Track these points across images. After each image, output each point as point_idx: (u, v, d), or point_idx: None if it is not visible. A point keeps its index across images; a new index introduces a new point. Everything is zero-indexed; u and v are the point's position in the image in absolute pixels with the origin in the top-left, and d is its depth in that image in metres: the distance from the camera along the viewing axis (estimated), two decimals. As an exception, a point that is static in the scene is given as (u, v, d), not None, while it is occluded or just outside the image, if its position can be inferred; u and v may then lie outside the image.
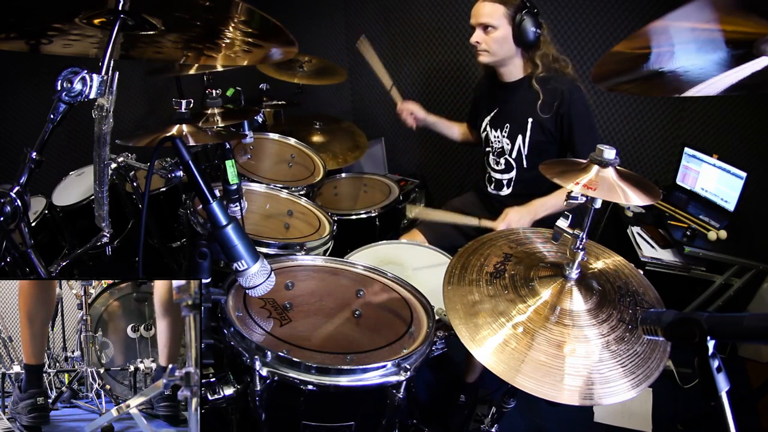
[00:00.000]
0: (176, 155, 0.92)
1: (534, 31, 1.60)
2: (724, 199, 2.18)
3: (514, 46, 1.65)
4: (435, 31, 2.78)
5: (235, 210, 1.32)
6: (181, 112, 1.36)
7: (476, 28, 1.65)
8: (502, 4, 1.59)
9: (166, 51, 1.25)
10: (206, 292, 0.93)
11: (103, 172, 1.12)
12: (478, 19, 1.63)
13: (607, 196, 0.90)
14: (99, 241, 1.28)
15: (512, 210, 1.63)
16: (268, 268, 0.97)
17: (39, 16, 0.96)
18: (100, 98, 0.93)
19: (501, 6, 1.59)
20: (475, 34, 1.66)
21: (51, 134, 0.88)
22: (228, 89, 2.25)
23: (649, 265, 2.07)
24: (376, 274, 1.34)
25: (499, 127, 1.82)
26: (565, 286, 1.01)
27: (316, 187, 2.03)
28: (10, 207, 0.84)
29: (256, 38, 1.13)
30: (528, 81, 1.71)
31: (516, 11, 1.59)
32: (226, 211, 0.93)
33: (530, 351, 0.90)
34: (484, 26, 1.63)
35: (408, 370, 0.99)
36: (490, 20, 1.61)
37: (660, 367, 0.90)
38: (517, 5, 1.59)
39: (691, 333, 0.66)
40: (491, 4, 1.60)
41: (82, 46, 1.11)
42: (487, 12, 1.60)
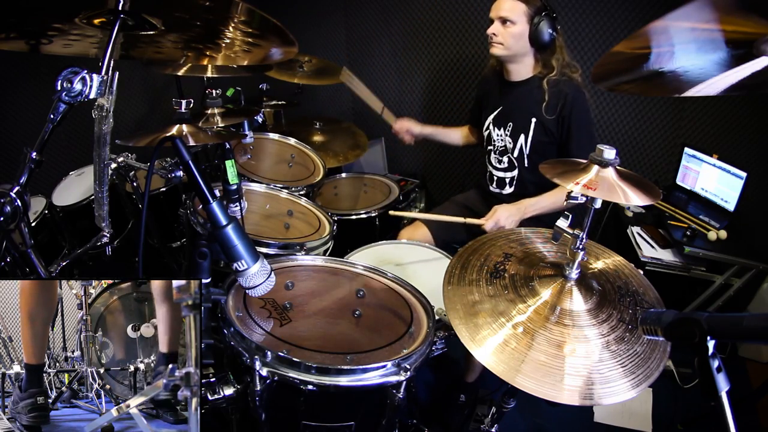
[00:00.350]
0: (176, 155, 0.92)
1: (550, 33, 1.63)
2: (724, 199, 2.18)
3: (528, 44, 1.67)
4: (435, 31, 2.78)
5: (235, 210, 1.32)
6: (181, 112, 1.36)
7: (495, 20, 1.68)
8: (525, 2, 1.63)
9: (166, 51, 1.25)
10: (206, 292, 0.93)
11: (103, 172, 1.12)
12: (499, 12, 1.66)
13: (607, 196, 0.90)
14: (99, 241, 1.28)
15: (501, 208, 1.64)
16: (268, 268, 0.97)
17: (39, 16, 0.96)
18: (100, 98, 0.93)
19: (523, 4, 1.63)
20: (493, 26, 1.69)
21: (51, 134, 0.88)
22: (228, 89, 2.25)
23: (649, 265, 2.07)
24: (376, 274, 1.34)
25: (502, 125, 1.82)
26: (565, 286, 1.01)
27: (316, 187, 2.03)
28: (10, 207, 0.84)
29: (256, 38, 1.13)
30: (535, 81, 1.73)
31: (536, 12, 1.63)
32: (226, 211, 0.93)
33: (530, 351, 0.90)
34: (503, 20, 1.66)
35: (408, 370, 0.99)
36: (510, 15, 1.64)
37: (660, 367, 0.90)
38: (539, 6, 1.63)
39: (691, 333, 0.66)
40: (513, 1, 1.64)
41: (82, 46, 1.11)
42: (509, 7, 1.64)
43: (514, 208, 1.65)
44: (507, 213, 1.63)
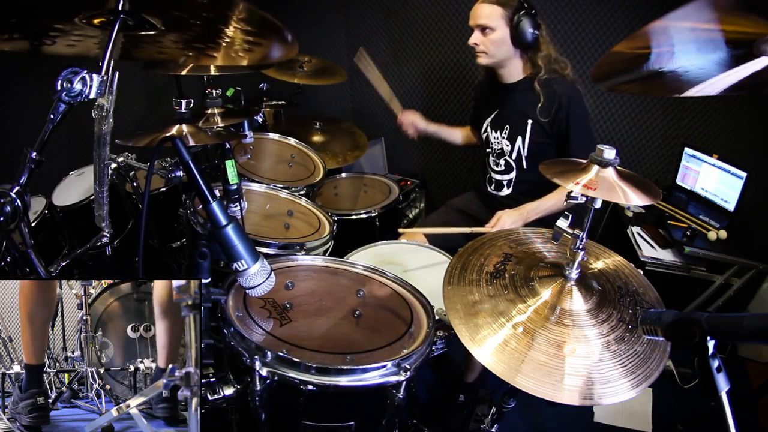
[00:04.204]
0: (176, 155, 0.92)
1: (532, 32, 1.61)
2: (724, 199, 2.18)
3: (512, 47, 1.65)
4: (435, 31, 2.77)
5: (235, 210, 1.32)
6: (181, 112, 1.36)
7: (475, 29, 1.66)
8: (500, 5, 1.60)
9: (168, 51, 1.25)
10: (206, 292, 0.93)
11: (103, 172, 1.12)
12: (476, 20, 1.64)
13: (607, 196, 0.90)
14: (99, 241, 1.28)
15: (505, 213, 1.64)
16: (268, 268, 0.97)
17: (39, 17, 0.96)
18: (100, 98, 0.93)
19: (499, 7, 1.60)
20: (474, 35, 1.67)
21: (51, 134, 0.88)
22: (228, 89, 2.25)
23: (649, 265, 2.07)
24: (376, 274, 1.34)
25: (499, 128, 1.82)
26: (565, 286, 1.01)
27: (316, 187, 2.03)
28: (10, 207, 0.83)
29: (256, 37, 1.13)
30: (527, 82, 1.71)
31: (513, 12, 1.59)
32: (226, 211, 0.93)
33: (530, 351, 0.89)
34: (482, 28, 1.64)
35: (408, 370, 0.99)
36: (487, 22, 1.61)
37: (660, 367, 0.90)
38: (515, 6, 1.60)
39: (691, 333, 0.66)
40: (489, 6, 1.61)
41: (84, 46, 1.11)
42: (485, 14, 1.61)
43: (517, 214, 1.65)
44: (511, 219, 1.62)
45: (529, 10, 1.60)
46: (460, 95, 2.86)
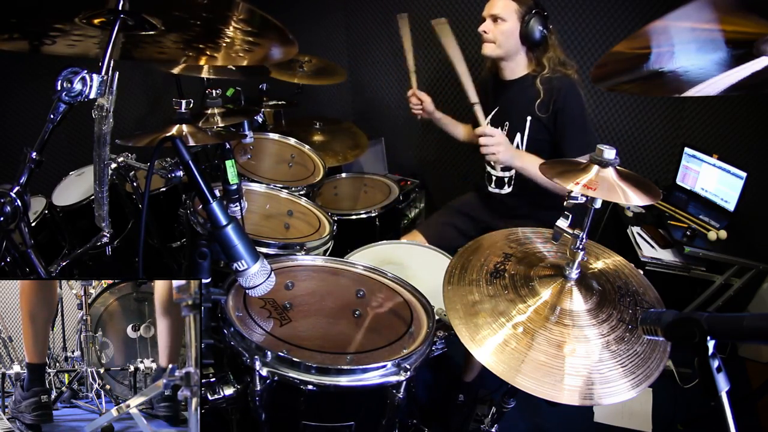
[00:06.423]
0: (176, 155, 0.92)
1: (540, 30, 1.65)
2: (724, 199, 2.18)
3: (519, 42, 1.69)
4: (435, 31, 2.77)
5: (235, 210, 1.32)
6: (181, 112, 1.36)
7: (487, 18, 1.71)
8: (516, 1, 1.65)
9: (168, 51, 1.25)
10: (206, 292, 0.93)
11: (103, 172, 1.12)
12: (491, 10, 1.69)
13: (607, 196, 0.90)
14: (99, 241, 1.28)
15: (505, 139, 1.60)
16: (268, 268, 0.97)
17: (39, 17, 0.96)
18: (100, 98, 0.93)
19: (514, 3, 1.65)
20: (485, 23, 1.71)
21: (51, 134, 0.88)
22: (228, 89, 2.25)
23: (649, 265, 2.07)
24: (376, 274, 1.34)
25: (499, 124, 1.82)
26: (565, 286, 1.01)
27: (316, 187, 2.03)
28: (10, 207, 0.84)
29: (256, 37, 1.13)
30: (529, 79, 1.73)
31: (527, 10, 1.65)
32: (226, 211, 0.93)
33: (530, 351, 0.89)
34: (495, 17, 1.68)
35: (408, 370, 0.99)
36: (501, 12, 1.66)
37: (660, 367, 0.90)
38: (530, 5, 1.65)
39: (691, 333, 0.66)
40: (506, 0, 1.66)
41: (84, 46, 1.11)
42: (501, 5, 1.67)
43: (513, 150, 1.65)
44: (506, 146, 1.59)
45: (541, 12, 1.66)
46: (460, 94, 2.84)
